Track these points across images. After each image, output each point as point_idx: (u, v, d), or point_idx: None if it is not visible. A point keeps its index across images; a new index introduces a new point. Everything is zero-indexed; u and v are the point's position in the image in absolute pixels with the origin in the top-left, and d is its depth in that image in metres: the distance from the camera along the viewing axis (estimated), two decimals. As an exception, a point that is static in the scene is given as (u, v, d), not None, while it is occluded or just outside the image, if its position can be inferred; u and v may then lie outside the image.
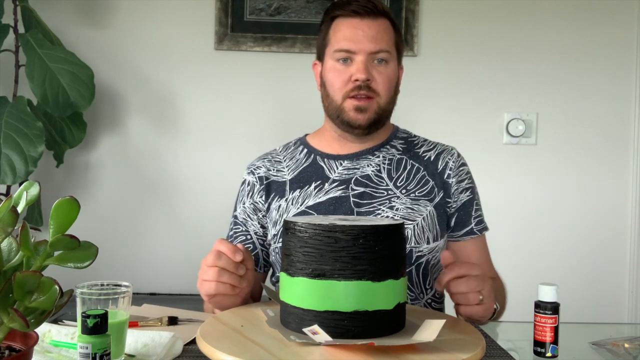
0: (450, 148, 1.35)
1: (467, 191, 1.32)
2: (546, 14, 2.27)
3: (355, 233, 0.84)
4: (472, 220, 1.31)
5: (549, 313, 0.98)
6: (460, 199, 1.30)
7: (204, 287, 1.02)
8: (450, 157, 1.33)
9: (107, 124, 2.20)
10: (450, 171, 1.31)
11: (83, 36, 2.16)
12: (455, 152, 1.35)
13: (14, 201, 0.73)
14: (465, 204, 1.31)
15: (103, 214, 2.19)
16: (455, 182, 1.31)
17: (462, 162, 1.34)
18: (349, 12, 1.24)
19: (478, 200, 1.35)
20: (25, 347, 0.75)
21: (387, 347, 0.80)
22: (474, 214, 1.32)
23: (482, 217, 1.34)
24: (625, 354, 1.07)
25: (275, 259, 1.30)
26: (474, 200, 1.33)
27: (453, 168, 1.31)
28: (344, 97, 1.24)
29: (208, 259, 1.01)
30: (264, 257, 1.33)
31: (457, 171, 1.31)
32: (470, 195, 1.32)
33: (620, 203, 2.30)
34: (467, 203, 1.31)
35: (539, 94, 2.28)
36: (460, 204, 1.30)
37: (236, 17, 2.19)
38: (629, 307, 2.30)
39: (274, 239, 1.29)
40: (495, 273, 1.33)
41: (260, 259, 1.32)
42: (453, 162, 1.32)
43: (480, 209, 1.35)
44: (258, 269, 1.32)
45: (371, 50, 1.22)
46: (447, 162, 1.32)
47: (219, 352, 0.80)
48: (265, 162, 1.36)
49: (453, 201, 1.30)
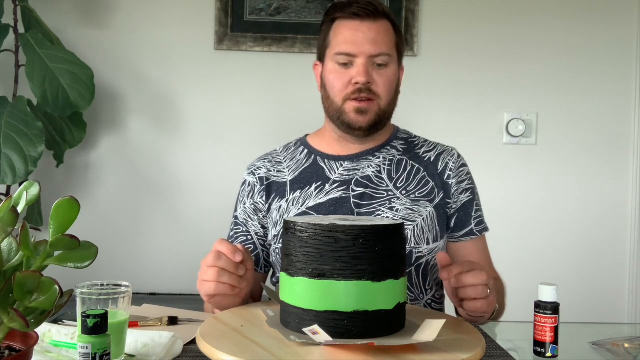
0: (451, 149, 1.35)
1: (467, 192, 1.32)
2: (546, 14, 2.26)
3: (355, 233, 0.84)
4: (472, 221, 1.31)
5: (549, 313, 0.98)
6: (460, 199, 1.30)
7: (203, 287, 1.02)
8: (450, 157, 1.32)
9: (107, 124, 2.20)
10: (451, 172, 1.31)
11: (83, 36, 2.16)
12: (455, 152, 1.35)
13: (14, 201, 0.73)
14: (465, 205, 1.31)
15: (103, 214, 2.19)
16: (456, 182, 1.30)
17: (462, 163, 1.34)
18: (349, 15, 1.24)
19: (478, 201, 1.35)
20: (25, 347, 0.75)
21: (387, 347, 0.80)
22: (474, 215, 1.32)
23: (482, 218, 1.34)
24: (625, 354, 1.07)
25: (275, 259, 1.30)
26: (474, 201, 1.33)
27: (453, 169, 1.31)
28: (345, 100, 1.25)
29: (208, 259, 1.01)
30: (265, 258, 1.33)
31: (457, 172, 1.31)
32: (470, 196, 1.32)
33: (620, 203, 2.30)
34: (467, 204, 1.31)
35: (539, 94, 2.28)
36: (460, 205, 1.30)
37: (236, 17, 2.19)
38: (629, 307, 2.30)
39: (275, 239, 1.29)
40: (496, 274, 1.33)
41: (261, 259, 1.32)
42: (453, 162, 1.32)
43: (481, 209, 1.35)
44: (258, 269, 1.32)
45: (371, 53, 1.22)
46: (447, 163, 1.32)
47: (219, 352, 0.80)
48: (266, 162, 1.36)
49: (453, 202, 1.30)
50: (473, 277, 1.00)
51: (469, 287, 1.01)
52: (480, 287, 1.00)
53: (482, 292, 1.01)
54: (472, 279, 1.00)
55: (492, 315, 1.13)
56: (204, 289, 1.02)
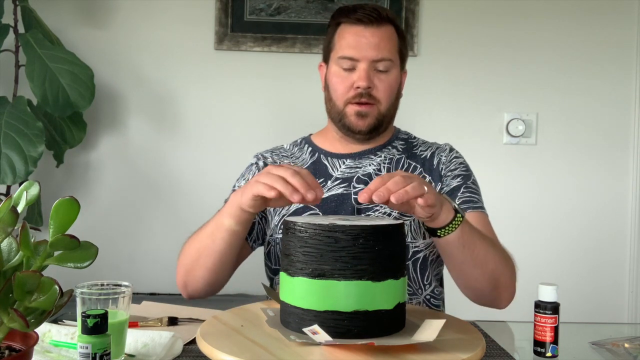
0: (444, 145, 1.37)
1: (458, 177, 1.31)
2: (546, 14, 2.26)
3: (355, 233, 0.84)
4: (457, 200, 1.28)
5: (549, 313, 0.99)
6: (450, 184, 1.31)
7: (256, 186, 1.01)
8: (442, 152, 1.35)
9: (107, 124, 2.20)
10: (443, 165, 1.33)
11: (83, 36, 2.16)
12: (447, 147, 1.37)
13: (14, 201, 0.73)
14: (453, 189, 1.30)
15: (103, 214, 2.19)
16: (447, 171, 1.32)
17: (455, 156, 1.35)
18: (353, 20, 1.26)
19: (472, 186, 1.32)
20: (25, 347, 0.75)
21: (387, 347, 0.80)
22: (461, 195, 1.29)
23: (471, 199, 1.29)
24: (625, 354, 1.07)
25: (274, 249, 1.31)
26: (463, 185, 1.31)
27: (445, 162, 1.33)
28: (346, 103, 1.27)
29: (281, 168, 1.00)
30: (260, 231, 1.32)
31: (449, 164, 1.33)
32: (460, 181, 1.31)
33: (620, 203, 2.30)
34: (455, 188, 1.30)
35: (539, 94, 2.28)
36: (449, 190, 1.30)
37: (236, 17, 2.19)
38: (629, 307, 2.30)
39: (275, 229, 1.30)
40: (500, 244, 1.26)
41: (255, 231, 1.31)
42: (445, 156, 1.34)
43: (474, 192, 1.31)
44: (249, 240, 1.31)
45: (373, 58, 1.25)
46: (440, 158, 1.34)
47: (219, 352, 0.80)
48: (273, 155, 1.39)
49: (444, 186, 1.31)
50: (394, 183, 0.94)
51: (391, 187, 0.93)
52: (410, 187, 0.93)
53: (413, 191, 0.93)
54: (393, 185, 0.93)
55: (457, 221, 1.05)
56: (255, 188, 1.01)
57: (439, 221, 1.03)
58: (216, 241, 1.15)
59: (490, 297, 1.20)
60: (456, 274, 1.17)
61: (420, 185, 0.95)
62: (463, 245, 1.08)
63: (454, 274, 1.18)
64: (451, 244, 1.07)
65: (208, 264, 1.18)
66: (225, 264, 1.19)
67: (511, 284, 1.21)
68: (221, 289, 1.28)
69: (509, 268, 1.20)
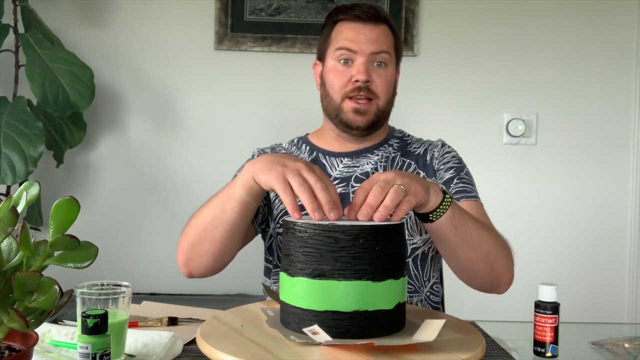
0: (437, 141, 1.38)
1: (451, 170, 1.31)
2: (546, 15, 2.26)
3: (355, 233, 0.84)
4: (451, 191, 1.28)
5: (549, 313, 0.99)
6: (443, 177, 1.31)
7: (269, 175, 0.96)
8: (435, 148, 1.35)
9: (107, 124, 2.20)
10: (436, 160, 1.33)
11: (83, 36, 2.16)
12: (439, 143, 1.37)
13: (14, 201, 0.73)
14: (447, 181, 1.30)
15: (103, 214, 2.19)
16: (440, 164, 1.32)
17: (447, 150, 1.35)
18: (352, 17, 1.28)
19: (465, 177, 1.31)
20: (25, 347, 0.75)
21: (387, 347, 0.80)
22: (454, 186, 1.29)
23: (464, 189, 1.29)
24: (625, 354, 1.07)
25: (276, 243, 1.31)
26: (456, 176, 1.30)
27: (438, 156, 1.34)
28: (343, 98, 1.27)
29: (298, 164, 0.95)
30: (265, 215, 1.32)
31: (442, 158, 1.33)
32: (453, 173, 1.31)
33: (620, 203, 2.30)
34: (449, 180, 1.30)
35: (539, 94, 2.28)
36: (442, 182, 1.30)
37: (236, 17, 2.19)
38: (628, 306, 2.30)
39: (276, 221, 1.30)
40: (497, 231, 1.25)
41: (260, 214, 1.30)
42: (437, 151, 1.34)
43: (467, 183, 1.30)
44: (255, 223, 1.30)
45: (372, 51, 1.26)
46: (433, 153, 1.35)
47: (219, 352, 0.80)
48: (273, 152, 1.39)
49: (438, 179, 1.31)
50: (365, 188, 0.93)
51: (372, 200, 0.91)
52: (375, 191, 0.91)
53: (380, 193, 0.91)
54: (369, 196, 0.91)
55: (445, 203, 1.03)
56: (274, 180, 0.95)
57: (429, 206, 1.01)
58: (226, 212, 1.10)
59: (488, 280, 1.16)
60: (450, 257, 1.13)
61: (398, 192, 0.91)
62: (455, 227, 1.05)
63: (448, 258, 1.14)
64: (443, 226, 1.04)
65: (216, 235, 1.13)
66: (233, 236, 1.14)
67: (509, 266, 1.18)
68: (223, 268, 1.23)
69: (505, 251, 1.17)
